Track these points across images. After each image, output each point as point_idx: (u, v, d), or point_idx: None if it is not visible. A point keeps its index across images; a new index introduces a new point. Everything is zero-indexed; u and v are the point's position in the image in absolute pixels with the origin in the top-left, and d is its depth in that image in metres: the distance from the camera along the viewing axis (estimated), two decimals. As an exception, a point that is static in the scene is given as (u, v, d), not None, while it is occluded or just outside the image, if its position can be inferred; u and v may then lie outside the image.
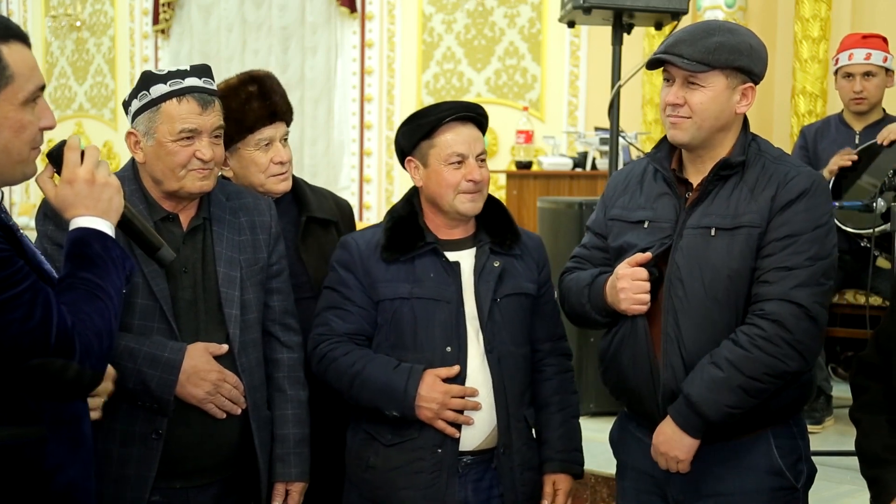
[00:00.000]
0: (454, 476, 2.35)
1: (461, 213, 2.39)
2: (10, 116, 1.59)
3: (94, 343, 1.56)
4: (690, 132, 2.19)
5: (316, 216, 2.64)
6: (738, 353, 2.10)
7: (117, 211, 1.71)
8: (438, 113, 2.40)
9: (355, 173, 8.05)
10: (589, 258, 2.40)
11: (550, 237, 4.48)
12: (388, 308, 2.38)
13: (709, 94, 2.16)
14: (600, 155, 5.91)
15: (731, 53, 2.15)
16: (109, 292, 1.62)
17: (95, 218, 1.67)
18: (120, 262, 1.67)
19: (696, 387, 2.12)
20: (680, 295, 2.17)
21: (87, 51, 9.46)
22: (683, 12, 3.83)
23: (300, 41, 8.23)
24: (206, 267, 2.27)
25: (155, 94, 2.21)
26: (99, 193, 1.68)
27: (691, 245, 2.18)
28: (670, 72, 2.21)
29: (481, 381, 2.36)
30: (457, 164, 2.37)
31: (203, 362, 2.19)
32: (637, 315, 2.22)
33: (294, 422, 2.37)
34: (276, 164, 2.53)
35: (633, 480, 2.35)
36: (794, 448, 2.27)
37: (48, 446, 1.61)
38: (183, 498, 2.24)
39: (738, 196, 2.17)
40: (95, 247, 1.64)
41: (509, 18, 7.39)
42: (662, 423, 2.18)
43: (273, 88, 2.57)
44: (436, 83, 7.64)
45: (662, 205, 2.25)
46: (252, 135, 2.51)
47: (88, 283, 1.60)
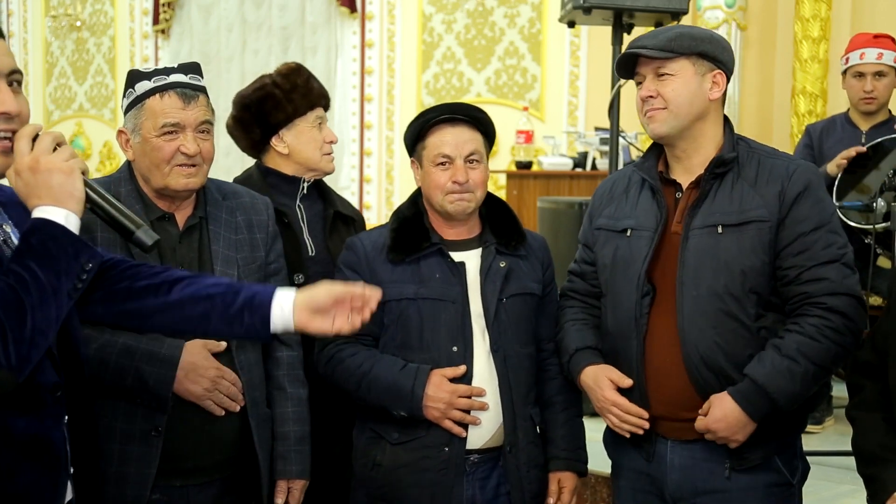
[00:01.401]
0: (461, 474, 2.36)
1: (449, 213, 2.41)
2: None
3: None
4: (668, 123, 2.24)
5: (341, 211, 2.73)
6: (809, 344, 2.14)
7: (76, 198, 1.54)
8: (428, 115, 2.44)
9: (355, 173, 8.05)
10: (581, 274, 2.46)
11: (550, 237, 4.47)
12: (395, 309, 2.39)
13: (679, 82, 2.22)
14: (600, 155, 5.92)
15: (692, 40, 2.23)
16: (47, 287, 1.49)
17: (49, 206, 1.52)
18: (71, 255, 1.52)
19: (768, 375, 2.14)
20: (694, 295, 2.19)
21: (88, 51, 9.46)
22: (683, 12, 3.84)
23: (300, 41, 8.23)
24: (203, 266, 2.27)
25: (140, 91, 2.23)
26: (46, 180, 1.52)
27: (700, 245, 2.20)
28: (640, 72, 2.27)
29: (487, 380, 2.38)
30: (443, 166, 2.39)
31: (201, 359, 2.20)
32: (631, 336, 2.27)
33: (294, 419, 2.37)
34: (328, 144, 2.70)
35: (630, 480, 2.37)
36: (790, 444, 2.29)
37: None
38: (183, 496, 2.24)
39: (741, 192, 2.20)
40: (39, 236, 1.50)
41: (509, 18, 7.39)
42: (720, 405, 2.17)
43: (315, 78, 2.77)
44: (436, 83, 7.64)
45: (647, 213, 2.29)
46: (312, 111, 2.68)
47: (21, 278, 1.47)
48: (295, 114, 2.66)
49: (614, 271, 2.31)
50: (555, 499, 2.46)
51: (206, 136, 2.27)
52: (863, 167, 4.01)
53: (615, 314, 2.30)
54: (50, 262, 1.50)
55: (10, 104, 1.57)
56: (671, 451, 2.27)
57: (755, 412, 2.16)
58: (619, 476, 2.42)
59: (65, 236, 1.52)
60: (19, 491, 1.56)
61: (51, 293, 1.49)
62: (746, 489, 2.22)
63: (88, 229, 2.06)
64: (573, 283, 2.48)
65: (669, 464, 2.27)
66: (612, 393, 2.27)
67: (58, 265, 1.50)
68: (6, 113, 1.57)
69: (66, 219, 1.52)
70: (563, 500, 2.47)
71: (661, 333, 2.23)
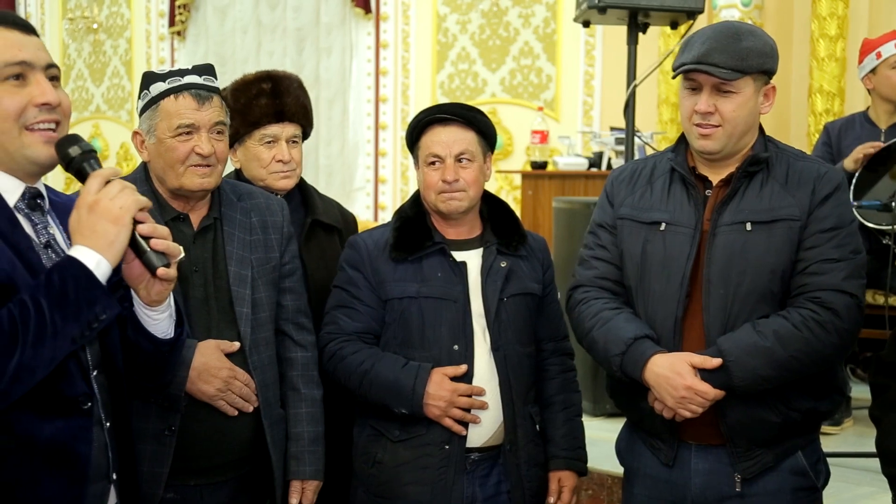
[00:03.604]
0: (461, 472, 2.37)
1: (442, 212, 2.43)
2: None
3: None
4: (721, 141, 2.19)
5: (321, 220, 2.69)
6: (787, 328, 2.10)
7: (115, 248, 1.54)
8: (421, 116, 2.47)
9: (370, 174, 8.05)
10: (603, 259, 2.34)
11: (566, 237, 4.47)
12: (397, 307, 2.41)
13: (739, 101, 2.16)
14: (616, 155, 5.90)
15: (759, 57, 2.16)
16: (49, 327, 1.47)
17: (86, 248, 1.52)
18: (87, 301, 1.50)
19: (734, 347, 2.11)
20: (721, 293, 2.16)
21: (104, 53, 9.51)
22: (699, 11, 3.81)
23: (315, 42, 8.24)
24: (217, 266, 2.28)
25: (154, 93, 2.24)
26: (94, 223, 1.53)
27: (727, 242, 2.17)
28: (697, 79, 2.18)
29: (488, 378, 2.39)
30: (434, 165, 2.41)
31: (214, 359, 2.20)
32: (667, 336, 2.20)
33: (308, 420, 2.37)
34: (278, 163, 2.59)
35: (647, 487, 2.33)
36: (816, 448, 2.28)
37: (11, 459, 1.54)
38: (197, 495, 2.25)
39: (771, 191, 2.18)
40: (62, 274, 1.50)
41: (524, 18, 7.38)
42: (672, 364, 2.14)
43: (287, 90, 2.62)
44: (450, 83, 7.64)
45: (681, 208, 2.24)
46: (257, 130, 2.58)
47: (25, 310, 1.47)
48: (236, 134, 2.58)
49: (647, 267, 2.25)
50: (555, 498, 2.48)
51: (221, 136, 2.27)
52: (882, 165, 3.97)
53: (649, 312, 2.24)
54: (62, 304, 1.49)
55: (50, 94, 1.60)
56: (695, 455, 2.24)
57: (711, 378, 2.12)
58: (634, 483, 2.37)
59: (88, 281, 1.51)
60: (40, 500, 1.57)
61: (51, 335, 1.48)
62: (773, 493, 2.20)
63: None
64: (595, 269, 2.34)
65: (693, 469, 2.24)
66: (695, 380, 2.12)
67: (70, 308, 1.50)
68: (47, 103, 1.60)
69: (96, 265, 1.52)
70: (563, 498, 2.49)
71: (689, 332, 2.20)
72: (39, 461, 1.56)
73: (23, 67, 1.60)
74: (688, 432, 2.23)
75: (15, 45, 1.61)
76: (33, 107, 1.60)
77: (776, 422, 2.17)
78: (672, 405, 2.15)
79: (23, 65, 1.60)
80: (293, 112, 2.62)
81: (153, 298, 1.68)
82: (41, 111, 1.61)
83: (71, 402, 1.61)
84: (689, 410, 2.14)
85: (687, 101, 2.21)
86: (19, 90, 1.60)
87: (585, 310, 2.30)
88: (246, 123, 2.59)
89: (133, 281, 1.65)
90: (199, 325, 2.24)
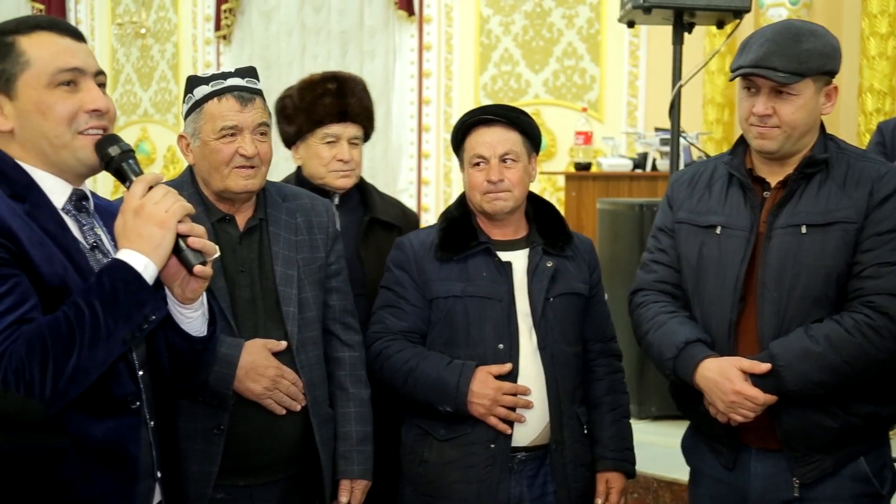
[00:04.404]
0: (507, 471, 2.37)
1: (487, 213, 2.44)
2: (35, 99, 1.62)
3: (32, 370, 1.47)
4: (779, 142, 2.16)
5: (379, 218, 2.72)
6: (840, 333, 2.07)
7: (161, 251, 1.58)
8: (465, 118, 2.50)
9: (413, 175, 8.07)
10: (662, 263, 2.34)
11: (610, 239, 4.44)
12: (442, 306, 2.42)
13: (799, 103, 2.13)
14: (660, 156, 5.85)
15: (821, 59, 2.13)
16: (103, 329, 1.51)
17: (133, 252, 1.56)
18: (137, 303, 1.54)
19: (786, 352, 2.08)
20: (775, 296, 2.14)
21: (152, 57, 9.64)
22: (746, 10, 3.76)
23: (359, 45, 8.28)
24: (264, 266, 2.30)
25: (198, 96, 2.27)
26: (141, 227, 1.57)
27: (782, 245, 2.14)
28: (756, 82, 2.16)
29: (533, 377, 2.39)
30: (479, 166, 2.43)
31: (261, 358, 2.22)
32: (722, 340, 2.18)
33: (356, 419, 2.39)
34: (338, 162, 2.64)
35: (710, 488, 2.32)
36: (882, 454, 2.23)
37: (66, 459, 1.57)
38: (247, 496, 2.27)
39: (828, 193, 2.14)
40: (111, 278, 1.54)
41: (567, 19, 7.34)
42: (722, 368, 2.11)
43: (352, 91, 2.68)
44: (493, 85, 7.63)
45: (737, 211, 2.21)
46: (319, 128, 2.63)
47: (80, 313, 1.50)
48: (299, 132, 2.68)
49: (702, 270, 2.24)
50: (603, 499, 2.48)
51: (264, 137, 2.29)
52: None
53: (704, 316, 2.23)
54: (114, 306, 1.52)
55: (100, 101, 1.65)
56: (755, 459, 2.22)
57: (762, 383, 2.10)
58: (698, 483, 2.37)
59: (137, 283, 1.54)
60: (93, 500, 1.60)
61: (104, 336, 1.51)
62: (832, 499, 2.16)
63: None
64: (654, 272, 2.34)
65: (753, 472, 2.22)
66: (744, 385, 2.11)
67: (121, 311, 1.53)
68: (97, 110, 1.65)
69: (144, 267, 1.55)
70: (611, 500, 2.48)
71: (743, 336, 2.18)
72: (92, 460, 1.59)
73: (75, 74, 1.65)
74: (747, 436, 2.21)
75: (68, 52, 1.65)
76: (84, 112, 1.64)
77: (834, 427, 2.13)
78: (723, 409, 2.14)
79: (75, 71, 1.65)
80: (356, 113, 2.67)
81: (188, 296, 1.70)
82: (91, 117, 1.65)
83: (120, 401, 1.64)
84: (740, 415, 2.13)
85: (745, 103, 2.19)
86: (71, 96, 1.64)
87: (643, 313, 2.31)
88: (309, 122, 2.65)
89: (168, 279, 1.67)
90: (246, 325, 2.26)
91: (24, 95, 1.63)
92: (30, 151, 1.65)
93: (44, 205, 1.64)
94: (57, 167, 1.67)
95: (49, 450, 1.56)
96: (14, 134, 1.64)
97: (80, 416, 1.58)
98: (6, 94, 1.63)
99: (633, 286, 2.40)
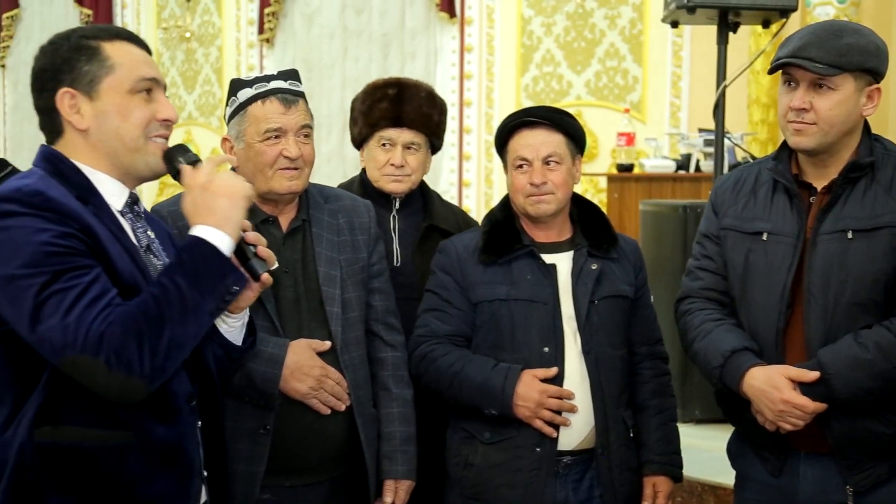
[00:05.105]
0: (553, 475, 2.36)
1: (531, 215, 2.43)
2: (117, 102, 1.68)
3: (130, 349, 1.52)
4: (816, 138, 2.12)
5: (437, 225, 2.72)
6: (890, 340, 2.04)
7: (234, 223, 1.64)
8: (508, 120, 2.48)
9: (454, 177, 8.07)
10: (709, 270, 2.31)
11: (653, 241, 4.40)
12: (487, 309, 2.41)
13: (837, 99, 2.09)
14: (704, 157, 5.79)
15: (861, 55, 2.08)
16: (190, 302, 1.56)
17: (208, 227, 1.62)
18: (218, 276, 1.60)
19: (835, 360, 2.05)
20: (821, 304, 2.10)
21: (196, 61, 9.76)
22: (793, 9, 3.71)
23: (400, 47, 8.30)
24: (307, 267, 2.32)
25: (242, 99, 2.29)
26: (212, 201, 1.63)
27: (828, 251, 2.11)
28: (794, 74, 2.13)
29: (579, 381, 2.38)
30: (522, 168, 2.42)
31: (306, 358, 2.24)
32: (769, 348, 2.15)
33: (400, 420, 2.39)
34: (391, 166, 2.65)
35: (756, 492, 2.29)
36: None
37: (131, 455, 1.62)
38: (292, 496, 2.28)
39: (873, 197, 2.10)
40: (191, 254, 1.60)
41: (610, 20, 7.30)
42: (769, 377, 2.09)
43: (411, 98, 2.69)
44: (535, 86, 7.60)
45: (783, 217, 2.18)
46: (376, 132, 2.66)
47: (165, 290, 1.55)
48: (360, 135, 2.73)
49: (749, 277, 2.21)
50: (650, 503, 2.46)
51: (307, 139, 2.31)
52: None
53: (751, 323, 2.21)
54: (197, 281, 1.58)
55: (172, 112, 1.74)
56: (804, 463, 2.19)
57: (811, 391, 2.07)
58: (745, 487, 2.34)
59: (216, 257, 1.60)
60: (155, 496, 1.65)
61: (192, 310, 1.57)
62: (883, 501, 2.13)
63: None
64: (700, 280, 2.32)
65: (802, 476, 2.19)
66: (793, 394, 2.08)
67: (204, 284, 1.58)
68: (167, 119, 1.73)
69: (220, 241, 1.61)
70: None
71: (791, 344, 2.15)
72: (155, 458, 1.64)
73: (152, 84, 1.73)
74: (797, 440, 2.18)
75: (146, 63, 1.74)
76: (156, 120, 1.72)
77: (887, 433, 2.09)
78: (771, 418, 2.12)
79: (152, 81, 1.73)
80: (411, 119, 2.68)
81: (239, 305, 1.77)
82: (161, 125, 1.73)
83: (180, 401, 1.70)
84: (790, 423, 2.10)
85: (784, 98, 2.16)
86: (147, 104, 1.72)
87: (689, 321, 2.29)
88: (367, 125, 2.69)
89: None
90: (290, 325, 2.28)
91: (107, 98, 1.69)
92: (100, 152, 1.71)
93: (104, 207, 1.69)
94: (122, 169, 1.73)
95: (117, 446, 1.61)
96: (87, 133, 1.70)
97: (144, 414, 1.63)
98: (87, 95, 1.69)
99: (679, 294, 2.39)
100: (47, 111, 1.71)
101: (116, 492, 1.62)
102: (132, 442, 1.62)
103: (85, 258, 1.57)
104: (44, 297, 1.51)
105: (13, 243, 1.53)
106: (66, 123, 1.70)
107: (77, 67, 1.68)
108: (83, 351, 1.50)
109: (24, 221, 1.55)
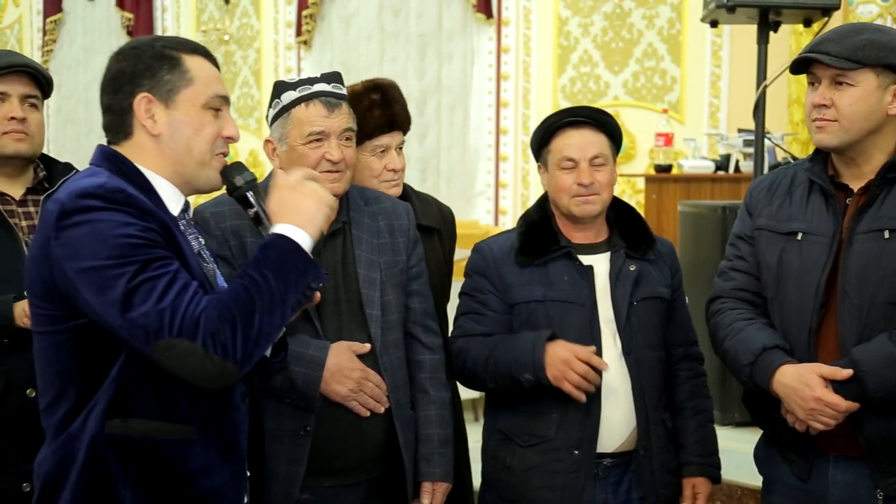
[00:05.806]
0: (592, 478, 2.35)
1: (575, 216, 2.41)
2: (191, 115, 1.73)
3: (225, 333, 1.57)
4: (838, 136, 2.11)
5: (421, 224, 2.68)
6: None
7: (316, 225, 1.70)
8: (552, 120, 2.45)
9: (491, 178, 8.07)
10: (742, 271, 2.30)
11: (692, 242, 4.37)
12: (524, 311, 2.41)
13: (857, 94, 2.07)
14: (744, 157, 5.74)
15: (881, 50, 2.07)
16: (276, 295, 1.62)
17: (291, 226, 1.68)
18: (300, 271, 1.66)
19: (869, 358, 2.03)
20: (856, 303, 2.09)
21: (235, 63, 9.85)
22: (835, 7, 3.66)
23: (437, 48, 8.32)
24: (347, 269, 2.33)
25: (285, 101, 2.30)
26: (299, 202, 1.70)
27: (864, 251, 2.09)
28: (816, 73, 2.13)
29: (619, 382, 2.37)
30: (568, 169, 2.39)
31: (346, 360, 2.25)
32: (801, 348, 2.13)
33: (437, 422, 2.40)
34: (389, 171, 2.61)
35: (784, 496, 2.27)
36: None
37: (194, 449, 1.68)
38: (332, 496, 2.30)
39: None
40: (276, 250, 1.65)
41: (648, 20, 7.26)
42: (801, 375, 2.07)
43: (395, 98, 2.65)
44: (572, 87, 7.58)
45: (819, 217, 2.17)
46: (370, 141, 2.59)
47: (255, 282, 1.61)
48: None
49: (782, 277, 2.20)
50: None
51: (349, 142, 2.33)
52: None
53: (784, 323, 2.19)
54: (283, 275, 1.64)
55: (236, 131, 1.79)
56: (833, 466, 2.17)
57: (843, 389, 2.04)
58: (773, 492, 2.32)
59: (299, 254, 1.67)
60: (213, 490, 1.70)
61: (279, 301, 1.63)
62: None
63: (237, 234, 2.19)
64: (733, 280, 2.32)
65: (831, 480, 2.17)
66: (825, 391, 2.05)
67: (289, 278, 1.64)
68: (231, 137, 1.79)
69: (302, 239, 1.68)
70: None
71: (824, 343, 2.14)
72: (214, 452, 1.70)
73: (222, 102, 1.79)
74: (826, 442, 2.16)
75: (219, 80, 1.80)
76: (221, 137, 1.77)
77: None
78: (803, 417, 2.10)
79: (223, 99, 1.79)
80: (402, 120, 2.66)
81: None
82: (224, 143, 1.78)
83: (237, 398, 1.75)
84: (821, 423, 2.08)
85: (808, 97, 2.16)
86: (215, 121, 1.77)
87: (720, 321, 2.28)
88: (361, 135, 2.58)
89: None
90: (330, 327, 2.29)
91: (183, 108, 1.74)
92: (167, 159, 1.75)
93: (165, 210, 1.74)
94: (184, 179, 1.77)
95: (182, 440, 1.67)
96: (159, 139, 1.74)
97: (206, 408, 1.69)
98: (164, 102, 1.74)
99: (711, 294, 2.38)
100: (120, 112, 1.75)
101: (179, 484, 1.67)
102: (195, 436, 1.68)
103: (164, 249, 1.63)
104: (134, 284, 1.56)
105: (99, 236, 1.58)
106: (139, 127, 1.74)
107: (158, 75, 1.73)
108: (179, 334, 1.55)
109: (109, 216, 1.60)
